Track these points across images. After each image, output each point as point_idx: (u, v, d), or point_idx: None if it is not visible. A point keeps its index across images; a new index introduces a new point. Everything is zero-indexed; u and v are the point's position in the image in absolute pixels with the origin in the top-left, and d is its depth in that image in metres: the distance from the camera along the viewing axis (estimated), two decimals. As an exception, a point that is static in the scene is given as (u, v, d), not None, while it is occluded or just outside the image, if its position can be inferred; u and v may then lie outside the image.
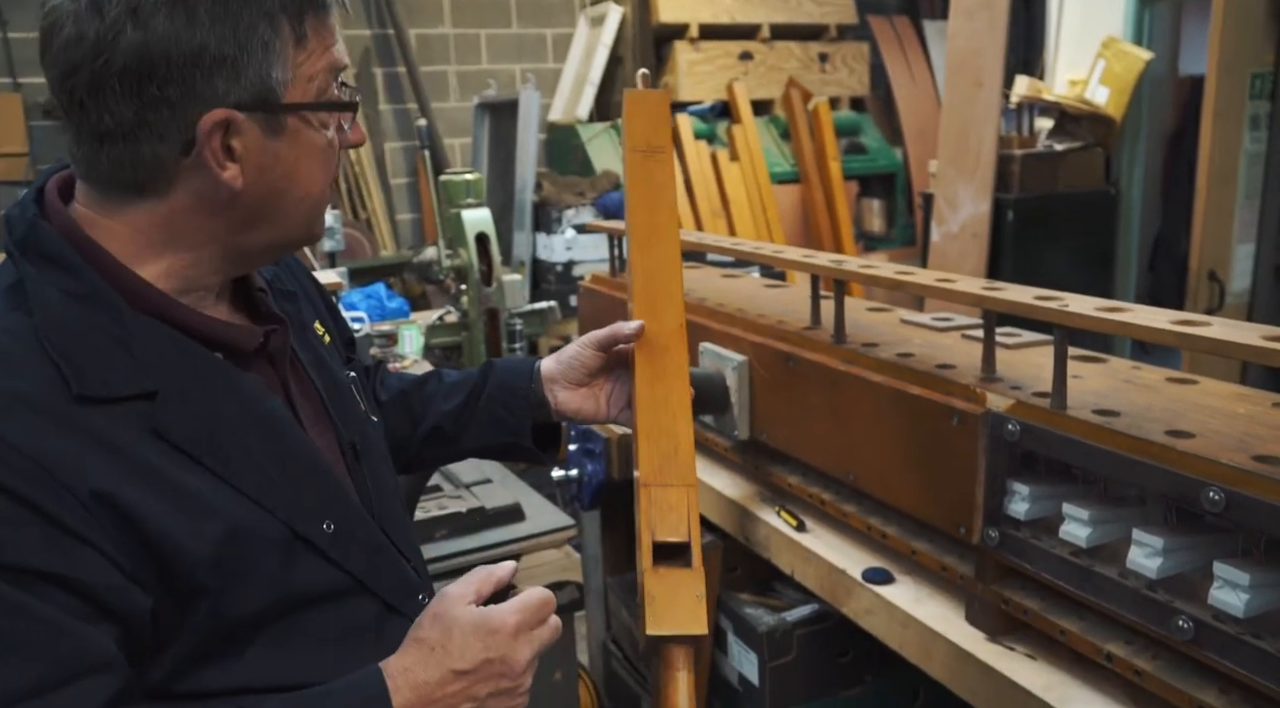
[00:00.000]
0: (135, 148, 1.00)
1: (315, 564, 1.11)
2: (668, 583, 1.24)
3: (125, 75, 0.96)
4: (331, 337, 1.35)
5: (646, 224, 1.54)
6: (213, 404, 1.05)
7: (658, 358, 1.44)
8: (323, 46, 1.06)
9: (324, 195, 1.12)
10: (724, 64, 7.10)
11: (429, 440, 1.53)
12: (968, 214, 4.68)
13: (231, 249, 1.09)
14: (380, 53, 7.10)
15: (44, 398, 0.95)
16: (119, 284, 1.03)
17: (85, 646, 0.93)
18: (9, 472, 0.90)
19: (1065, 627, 1.45)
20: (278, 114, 1.03)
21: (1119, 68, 4.65)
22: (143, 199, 1.03)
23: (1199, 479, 1.21)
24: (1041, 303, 1.43)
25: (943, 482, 1.61)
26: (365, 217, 6.98)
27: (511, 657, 1.07)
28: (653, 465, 1.34)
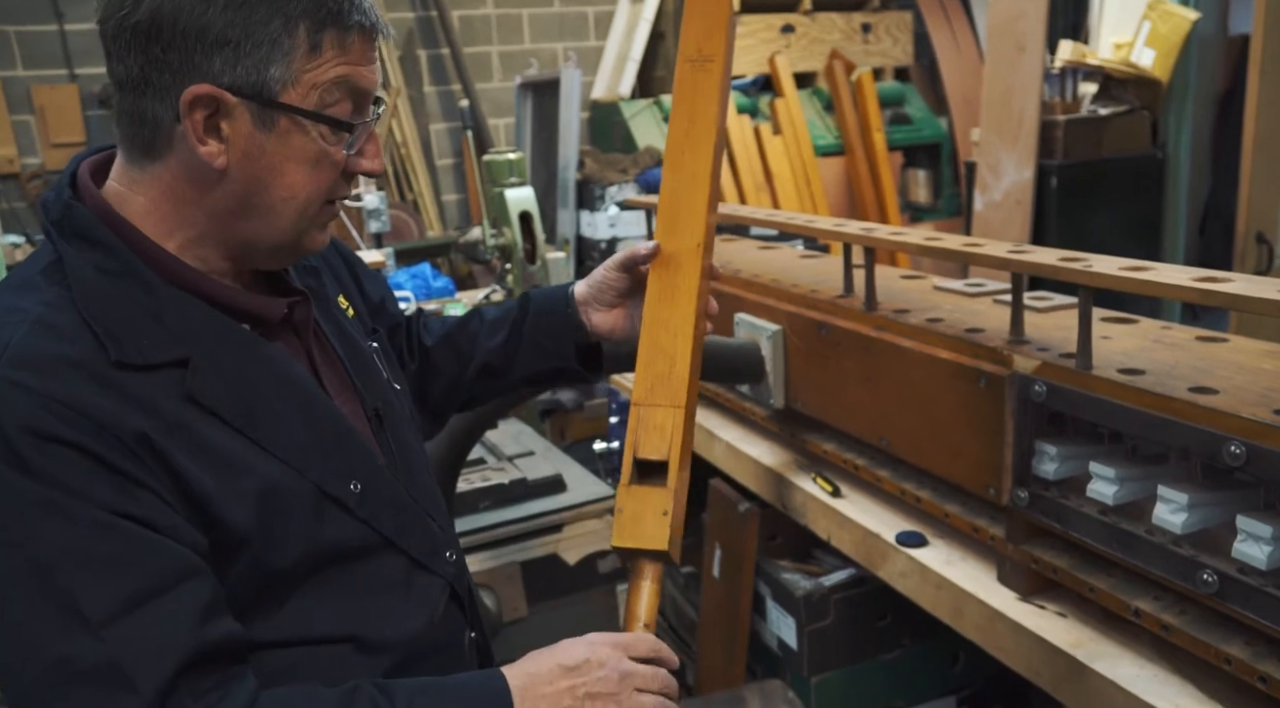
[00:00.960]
0: (141, 101, 1.06)
1: (345, 522, 1.17)
2: (637, 499, 1.27)
3: (138, 31, 1.03)
4: (356, 310, 1.40)
5: (681, 137, 1.47)
6: (242, 371, 1.11)
7: (670, 276, 1.42)
8: (339, 61, 1.09)
9: (312, 204, 1.14)
10: (765, 37, 7.06)
11: (480, 377, 1.59)
12: (1011, 181, 4.63)
13: (227, 234, 1.13)
14: (424, 35, 7.15)
15: (87, 361, 1.01)
16: (150, 259, 1.09)
17: (176, 556, 1.00)
18: (65, 426, 0.97)
19: (1094, 584, 1.46)
20: (269, 108, 1.07)
21: (1165, 29, 4.57)
22: (151, 163, 1.09)
23: (1220, 434, 1.23)
24: (1066, 264, 1.44)
25: (972, 444, 1.63)
26: (412, 198, 7.05)
27: (609, 663, 1.14)
28: (646, 385, 1.35)
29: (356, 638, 1.16)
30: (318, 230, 1.18)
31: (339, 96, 1.10)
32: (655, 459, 1.29)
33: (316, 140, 1.10)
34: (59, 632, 0.95)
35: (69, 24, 6.12)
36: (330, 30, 1.07)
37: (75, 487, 0.97)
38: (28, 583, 0.95)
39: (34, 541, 0.95)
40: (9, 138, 6.14)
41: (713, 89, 1.46)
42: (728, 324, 2.25)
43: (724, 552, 2.29)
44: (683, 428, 1.32)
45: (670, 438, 1.30)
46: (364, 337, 1.39)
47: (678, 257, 1.42)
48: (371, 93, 1.14)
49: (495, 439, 2.68)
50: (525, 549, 2.35)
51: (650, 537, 1.25)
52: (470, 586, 1.39)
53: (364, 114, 1.14)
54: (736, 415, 2.42)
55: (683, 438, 1.31)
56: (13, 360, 0.98)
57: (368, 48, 1.12)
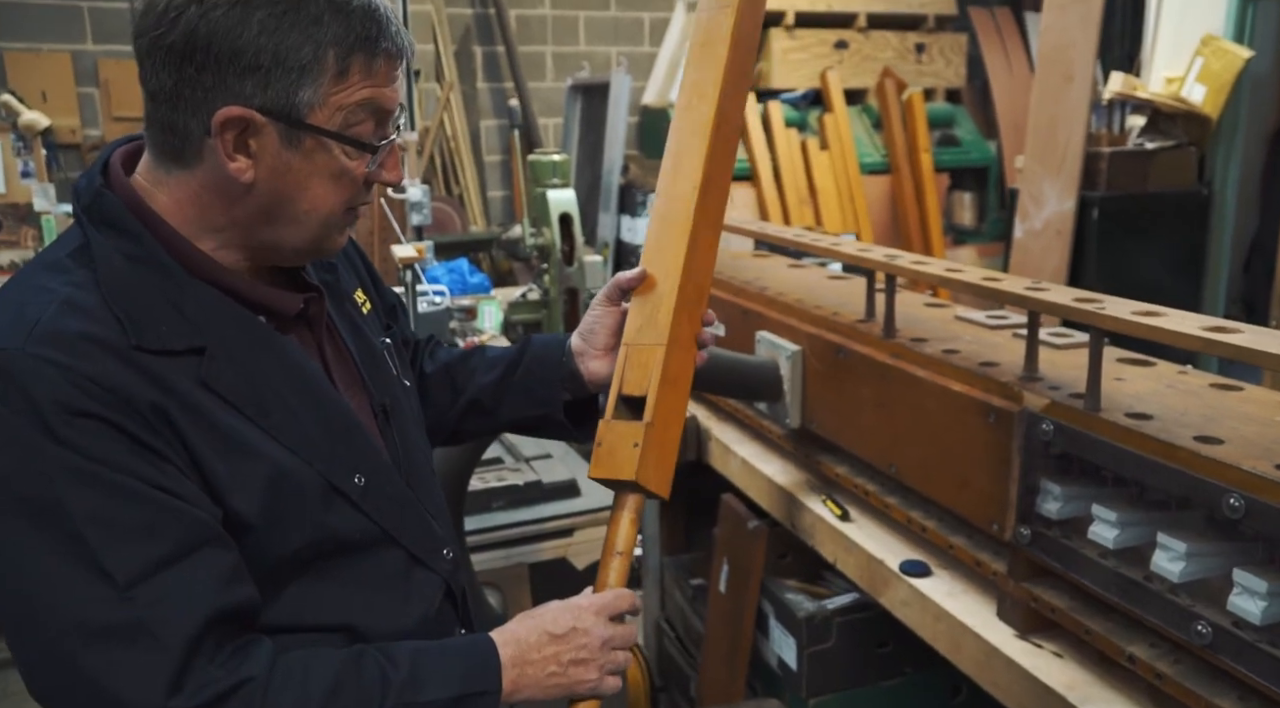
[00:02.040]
0: (172, 114, 1.10)
1: (348, 513, 1.20)
2: (615, 432, 1.30)
3: (172, 50, 1.06)
4: (372, 304, 1.44)
5: (692, 82, 1.48)
6: (255, 362, 1.15)
7: (667, 222, 1.42)
8: (365, 85, 1.13)
9: (334, 213, 1.19)
10: (818, 52, 7.05)
11: (468, 412, 1.61)
12: (1052, 211, 4.60)
13: (251, 240, 1.17)
14: (480, 32, 7.22)
15: (111, 340, 1.05)
16: (174, 250, 1.13)
17: (199, 523, 1.06)
18: (92, 400, 1.01)
19: (1091, 627, 1.46)
20: (296, 129, 1.11)
21: (1217, 66, 4.52)
22: (180, 169, 1.13)
23: (1220, 485, 1.22)
24: (1079, 304, 1.44)
25: (979, 478, 1.63)
26: (458, 192, 7.11)
27: (593, 630, 1.25)
28: (635, 326, 1.38)
29: (350, 628, 1.20)
30: (338, 234, 1.22)
31: (363, 117, 1.15)
32: (636, 395, 1.31)
33: (340, 158, 1.15)
34: (87, 592, 1.00)
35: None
36: (358, 56, 1.11)
37: (103, 456, 1.01)
38: (57, 546, 1.00)
39: (64, 505, 1.00)
40: (74, 109, 6.29)
41: (725, 31, 1.46)
42: (749, 341, 2.26)
43: (731, 567, 2.29)
44: (663, 364, 1.33)
45: (651, 374, 1.32)
46: (378, 333, 1.42)
47: (675, 202, 1.42)
48: (393, 111, 1.18)
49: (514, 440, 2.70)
50: (535, 551, 2.38)
51: (620, 467, 1.28)
52: (465, 584, 1.41)
53: (385, 130, 1.18)
54: (754, 432, 2.43)
55: (663, 374, 1.32)
56: (41, 337, 1.02)
57: (392, 71, 1.16)
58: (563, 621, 1.24)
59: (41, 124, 5.47)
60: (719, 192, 1.47)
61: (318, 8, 1.08)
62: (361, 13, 1.11)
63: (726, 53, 1.45)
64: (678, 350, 1.35)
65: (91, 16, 6.26)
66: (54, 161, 5.99)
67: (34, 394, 1.00)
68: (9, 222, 5.54)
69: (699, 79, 1.47)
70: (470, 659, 1.19)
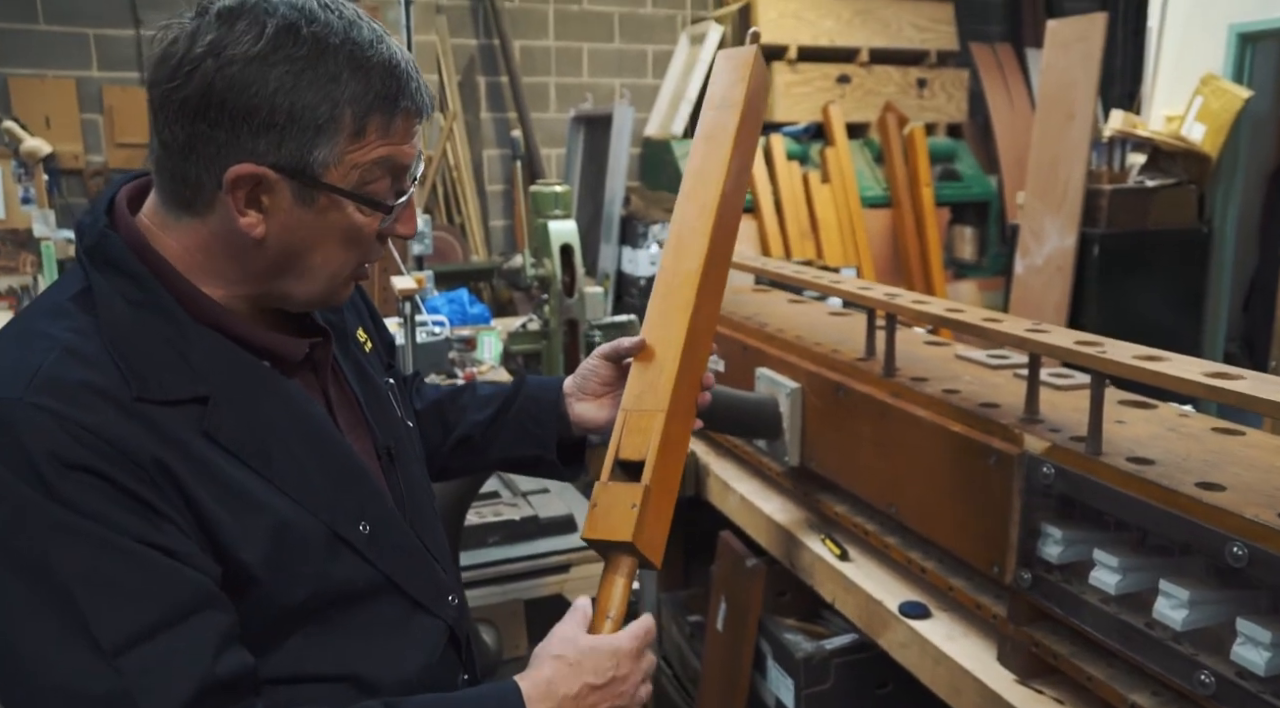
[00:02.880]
0: (184, 165, 1.07)
1: (353, 563, 1.17)
2: (611, 494, 1.29)
3: (186, 105, 1.04)
4: (373, 343, 1.42)
5: (696, 172, 1.53)
6: (260, 410, 1.13)
7: (670, 296, 1.44)
8: (381, 143, 1.10)
9: (344, 271, 1.17)
10: (821, 86, 7.10)
11: (458, 450, 1.59)
12: (1053, 247, 4.61)
13: (258, 289, 1.15)
14: (485, 62, 7.25)
15: (112, 389, 1.02)
16: (179, 294, 1.11)
17: (195, 584, 1.02)
18: (90, 452, 0.98)
19: (1093, 674, 1.44)
20: (310, 187, 1.08)
21: (1216, 105, 4.54)
22: (190, 217, 1.11)
23: (1223, 533, 1.21)
24: (1080, 348, 1.43)
25: (979, 520, 1.61)
26: (460, 221, 7.12)
27: (631, 676, 1.22)
28: (634, 393, 1.38)
29: (353, 678, 1.17)
30: (345, 288, 1.21)
31: (379, 174, 1.12)
32: (634, 459, 1.31)
33: (353, 216, 1.12)
34: (71, 658, 0.96)
35: (146, 29, 6.30)
36: (376, 116, 1.09)
37: (97, 512, 0.98)
38: (45, 606, 0.96)
39: (53, 564, 0.96)
40: (77, 135, 6.32)
41: (729, 128, 1.53)
42: (748, 377, 2.25)
43: (729, 605, 2.28)
44: (663, 431, 1.33)
45: (650, 439, 1.32)
46: (381, 372, 1.41)
47: (678, 277, 1.45)
48: (410, 167, 1.16)
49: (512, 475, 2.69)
50: (531, 588, 2.35)
51: (617, 528, 1.27)
52: (469, 629, 1.39)
53: (402, 184, 1.16)
54: (753, 469, 2.42)
55: (662, 439, 1.32)
56: (40, 386, 1.00)
57: (411, 128, 1.13)
58: (604, 668, 1.19)
59: (43, 151, 5.48)
60: (721, 269, 1.51)
61: (336, 65, 1.06)
62: (381, 70, 1.09)
63: (731, 143, 1.52)
64: (677, 419, 1.36)
65: (97, 44, 6.30)
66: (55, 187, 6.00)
67: (29, 446, 0.97)
68: (8, 247, 5.54)
69: (704, 166, 1.53)
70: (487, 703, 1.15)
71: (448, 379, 4.04)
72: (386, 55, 1.10)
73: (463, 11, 7.15)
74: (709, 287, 1.47)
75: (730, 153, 1.51)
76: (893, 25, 7.32)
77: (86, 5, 6.23)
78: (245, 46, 1.03)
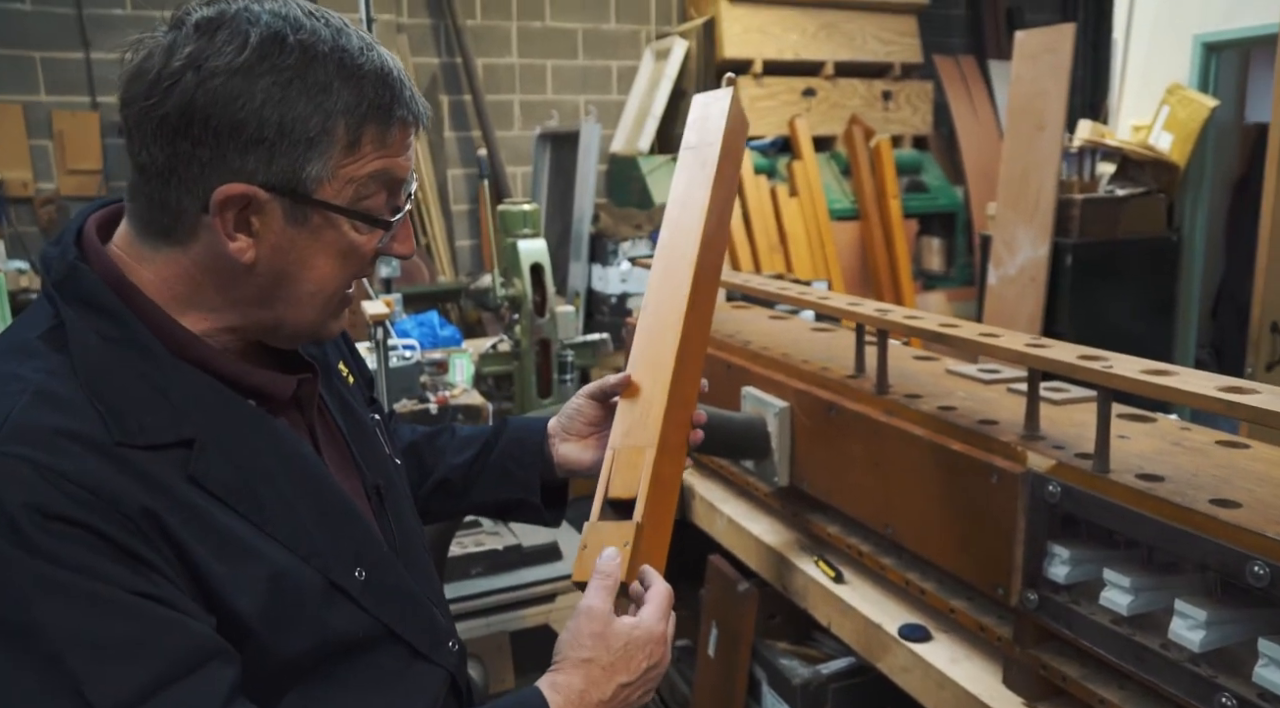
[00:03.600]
0: (164, 189, 1.00)
1: (350, 612, 1.10)
2: (602, 533, 1.25)
3: (165, 122, 0.97)
4: (355, 377, 1.36)
5: (679, 206, 1.53)
6: (248, 452, 1.05)
7: (654, 333, 1.42)
8: (377, 156, 1.04)
9: (338, 293, 1.10)
10: (787, 99, 7.10)
11: (436, 493, 1.52)
12: (1026, 257, 4.61)
13: (246, 321, 1.08)
14: (447, 81, 7.20)
15: (91, 435, 0.94)
16: (158, 330, 1.03)
17: (196, 635, 0.94)
18: (72, 503, 0.90)
19: (1105, 697, 1.40)
20: (303, 205, 1.02)
21: (1183, 114, 4.57)
22: (169, 246, 1.03)
23: (1243, 552, 1.18)
24: (1085, 363, 1.40)
25: (981, 540, 1.58)
26: (425, 242, 7.05)
27: (664, 659, 1.17)
28: (622, 430, 1.34)
29: None
30: (334, 319, 1.13)
31: (374, 189, 1.06)
32: (625, 497, 1.26)
33: (349, 234, 1.06)
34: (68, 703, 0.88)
35: (95, 52, 6.18)
36: (371, 126, 1.03)
37: (84, 566, 0.90)
38: (35, 674, 0.88)
39: (41, 626, 0.88)
40: (25, 161, 6.17)
41: (707, 169, 1.52)
42: (734, 397, 2.20)
43: (720, 631, 2.23)
44: (653, 466, 1.28)
45: (641, 475, 1.27)
46: (364, 407, 1.34)
47: (663, 312, 1.44)
48: (406, 181, 1.10)
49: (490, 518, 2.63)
50: (516, 619, 2.29)
51: None
52: (469, 676, 1.33)
53: (397, 200, 1.10)
54: (740, 490, 2.37)
55: (653, 476, 1.28)
56: (13, 434, 0.91)
57: (406, 138, 1.07)
58: (635, 664, 1.13)
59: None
60: (706, 306, 1.48)
61: (326, 74, 0.99)
62: (374, 78, 1.02)
63: (712, 180, 1.51)
64: (668, 454, 1.31)
65: (44, 67, 6.16)
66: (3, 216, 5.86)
67: (4, 498, 0.88)
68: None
69: (687, 204, 1.52)
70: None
71: (419, 404, 3.97)
72: (378, 63, 1.04)
73: (424, 30, 7.10)
74: (695, 322, 1.44)
75: (710, 195, 1.51)
76: (857, 38, 7.34)
77: (33, 28, 6.08)
78: (228, 58, 0.96)
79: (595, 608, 1.14)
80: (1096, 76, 7.88)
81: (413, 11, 7.03)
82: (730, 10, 6.90)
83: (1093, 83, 7.86)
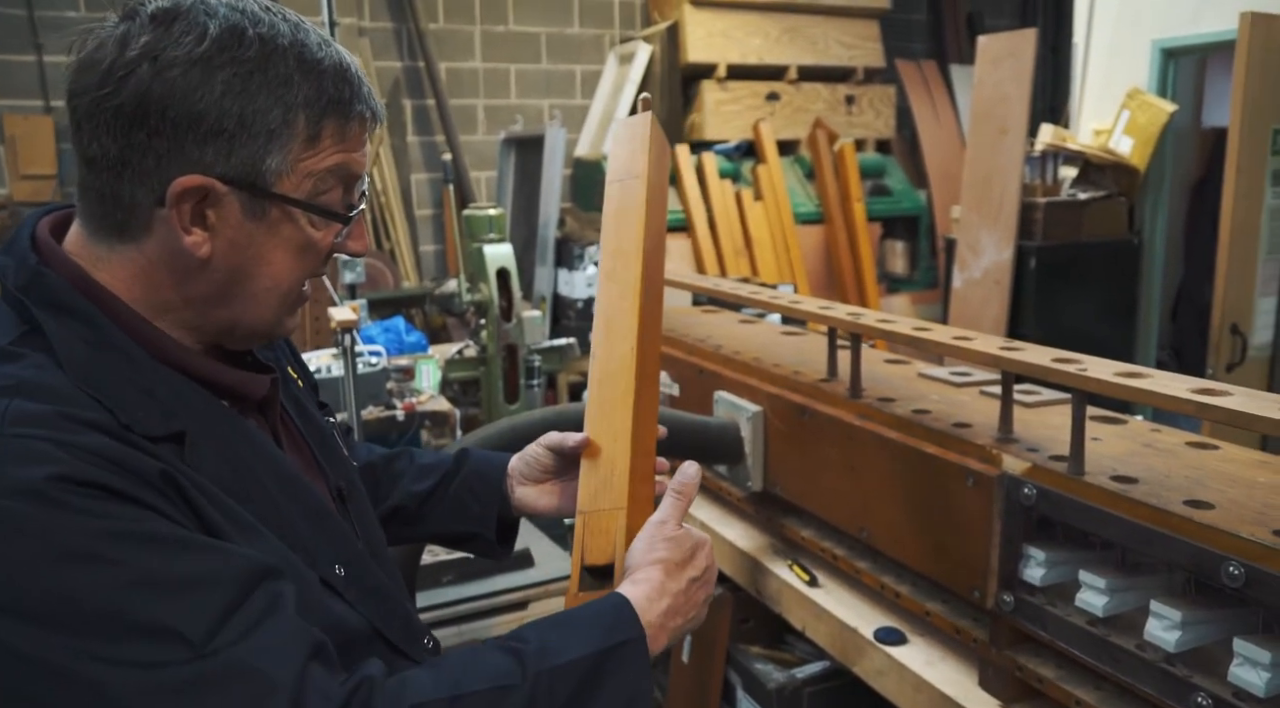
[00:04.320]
0: (116, 183, 0.98)
1: (340, 607, 1.09)
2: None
3: (120, 113, 0.95)
4: (303, 381, 1.35)
5: (614, 249, 1.47)
6: (232, 449, 1.05)
7: (607, 386, 1.39)
8: (336, 150, 1.04)
9: (294, 290, 1.09)
10: (751, 104, 7.12)
11: (390, 518, 1.50)
12: (990, 261, 4.65)
13: (203, 320, 1.07)
14: (410, 85, 7.16)
15: (94, 419, 0.93)
16: (133, 332, 1.02)
17: (247, 560, 0.92)
18: (97, 470, 0.88)
19: (1081, 697, 1.41)
20: (261, 199, 1.01)
21: (1143, 119, 4.63)
22: (123, 244, 1.02)
23: (1219, 553, 1.19)
24: (1060, 366, 1.41)
25: (957, 543, 1.58)
26: (389, 247, 7.01)
27: (714, 566, 1.22)
28: (589, 492, 1.31)
29: None
30: (290, 316, 1.12)
31: (332, 184, 1.05)
32: (602, 564, 1.25)
33: (305, 229, 1.05)
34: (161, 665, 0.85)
35: (48, 55, 6.08)
36: (331, 120, 1.02)
37: (126, 515, 0.88)
38: (103, 630, 0.85)
39: (98, 580, 0.85)
40: (-24, 167, 6.06)
41: (636, 202, 1.46)
42: (706, 401, 2.20)
43: (694, 637, 2.22)
44: (626, 528, 1.27)
45: (615, 539, 1.26)
46: (317, 410, 1.34)
47: (612, 364, 1.40)
48: (361, 177, 1.09)
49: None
50: (489, 627, 2.27)
51: None
52: None
53: (352, 196, 1.09)
54: (713, 495, 2.37)
55: (627, 538, 1.26)
56: (20, 419, 0.89)
57: (364, 134, 1.07)
58: (699, 562, 1.18)
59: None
60: (653, 348, 1.46)
61: (286, 67, 0.99)
62: (334, 73, 1.02)
63: (640, 228, 1.45)
64: (638, 512, 1.29)
65: (-4, 70, 6.07)
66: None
67: (26, 475, 0.85)
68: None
69: (620, 246, 1.46)
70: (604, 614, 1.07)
71: (386, 411, 3.94)
72: (337, 58, 1.04)
73: (386, 34, 7.05)
74: (646, 367, 1.42)
75: (643, 227, 1.46)
76: (820, 43, 7.37)
77: (-19, 30, 5.98)
78: (187, 48, 0.95)
79: (668, 520, 1.20)
80: (1056, 80, 7.96)
81: (375, 15, 6.99)
82: (694, 15, 6.91)
83: (1053, 87, 7.94)
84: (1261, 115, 3.86)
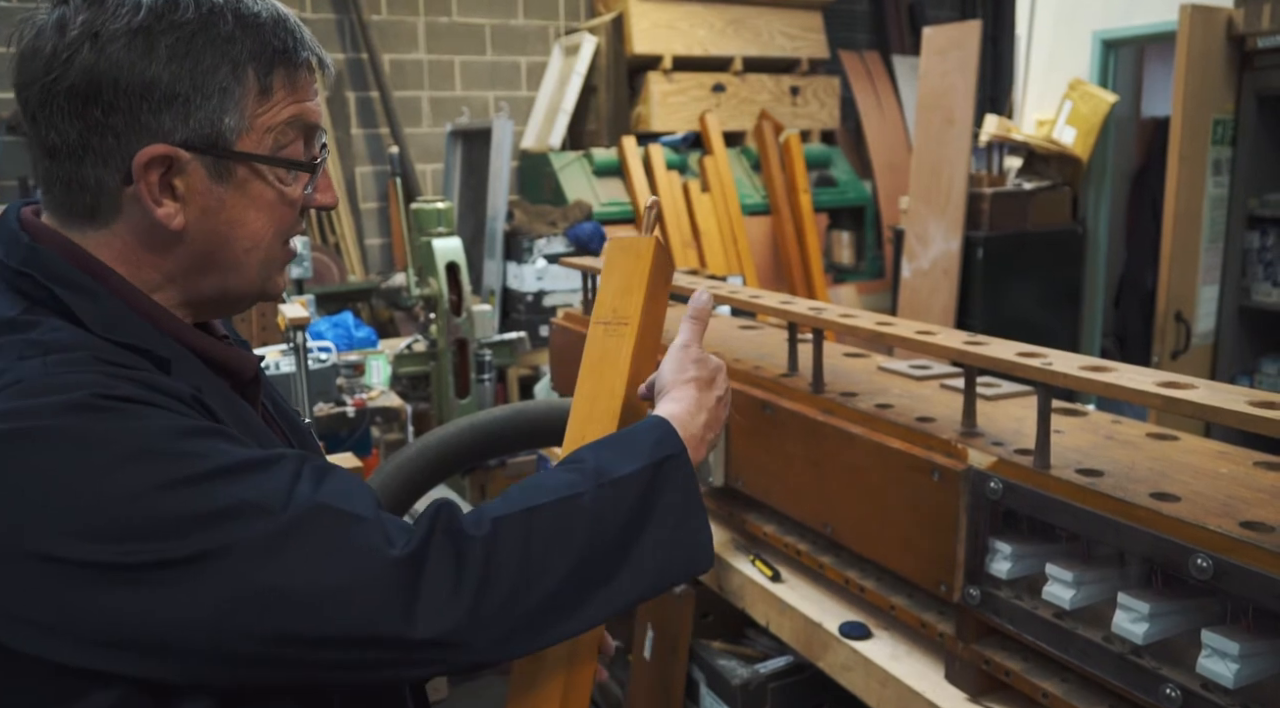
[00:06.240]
0: (80, 168, 0.98)
1: None
2: None
3: (72, 95, 0.95)
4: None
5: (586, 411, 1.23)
6: (234, 416, 1.04)
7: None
8: (290, 100, 1.04)
9: (274, 248, 1.09)
10: (696, 95, 7.11)
11: None
12: (939, 251, 4.69)
13: (191, 294, 1.06)
14: (354, 77, 7.06)
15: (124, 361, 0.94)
16: (136, 307, 1.01)
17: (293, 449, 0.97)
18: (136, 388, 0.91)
19: (1048, 690, 1.42)
20: (226, 160, 1.01)
21: (1085, 109, 4.68)
22: (96, 230, 1.01)
23: (1187, 546, 1.20)
24: (1025, 360, 1.42)
25: (923, 537, 1.59)
26: (334, 241, 6.91)
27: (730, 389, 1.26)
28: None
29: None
30: (278, 274, 1.12)
31: (292, 136, 1.05)
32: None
33: (274, 184, 1.05)
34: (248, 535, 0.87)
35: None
36: (279, 71, 1.02)
37: (176, 423, 0.90)
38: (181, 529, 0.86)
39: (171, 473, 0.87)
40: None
41: (623, 360, 1.22)
42: (667, 397, 2.19)
43: (656, 634, 2.21)
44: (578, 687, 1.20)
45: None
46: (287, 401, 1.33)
47: None
48: (319, 126, 1.09)
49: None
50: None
51: None
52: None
53: (314, 149, 1.09)
54: (671, 489, 2.36)
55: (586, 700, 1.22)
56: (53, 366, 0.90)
57: (313, 83, 1.07)
58: (721, 381, 1.22)
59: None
60: None
61: (227, 25, 0.99)
62: (273, 24, 1.02)
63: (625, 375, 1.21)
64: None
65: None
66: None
67: (70, 396, 0.87)
68: None
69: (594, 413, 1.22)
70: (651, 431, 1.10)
71: (337, 407, 3.89)
72: (273, 10, 1.04)
73: (328, 25, 6.95)
74: None
75: (625, 383, 1.22)
76: (764, 34, 7.38)
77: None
78: (124, 21, 0.94)
79: (690, 342, 1.23)
80: (997, 71, 8.04)
81: (316, 6, 6.88)
82: (638, 6, 6.89)
83: (994, 77, 8.02)
84: (1202, 107, 3.92)
